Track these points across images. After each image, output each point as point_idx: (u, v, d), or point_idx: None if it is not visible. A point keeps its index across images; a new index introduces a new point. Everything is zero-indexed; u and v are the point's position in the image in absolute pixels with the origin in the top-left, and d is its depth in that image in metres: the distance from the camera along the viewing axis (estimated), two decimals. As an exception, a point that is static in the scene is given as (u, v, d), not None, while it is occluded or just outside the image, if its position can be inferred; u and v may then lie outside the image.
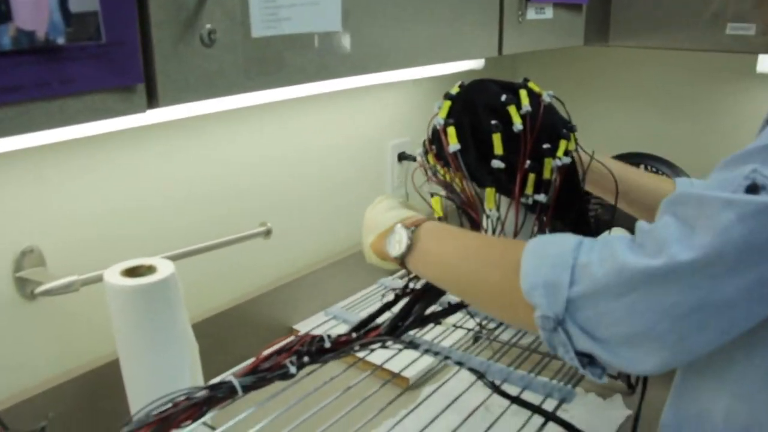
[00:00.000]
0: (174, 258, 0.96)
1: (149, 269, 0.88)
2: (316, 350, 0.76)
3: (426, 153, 0.90)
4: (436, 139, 0.87)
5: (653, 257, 0.53)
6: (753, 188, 0.52)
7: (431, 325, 0.94)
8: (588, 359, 0.60)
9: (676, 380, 0.71)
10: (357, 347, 0.79)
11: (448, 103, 0.87)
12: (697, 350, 0.55)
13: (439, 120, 0.86)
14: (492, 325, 1.10)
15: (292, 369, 0.73)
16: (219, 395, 0.68)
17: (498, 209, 0.84)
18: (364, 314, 1.14)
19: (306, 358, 0.74)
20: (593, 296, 0.55)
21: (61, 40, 0.53)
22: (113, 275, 0.86)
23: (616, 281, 0.54)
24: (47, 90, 0.54)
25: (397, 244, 0.79)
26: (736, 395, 0.62)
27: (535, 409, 0.81)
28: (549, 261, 0.59)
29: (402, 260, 0.79)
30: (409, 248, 0.77)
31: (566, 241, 0.60)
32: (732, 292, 0.51)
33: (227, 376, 0.72)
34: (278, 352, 0.74)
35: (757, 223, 0.50)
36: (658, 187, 0.97)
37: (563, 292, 0.57)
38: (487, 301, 0.71)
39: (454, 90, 0.89)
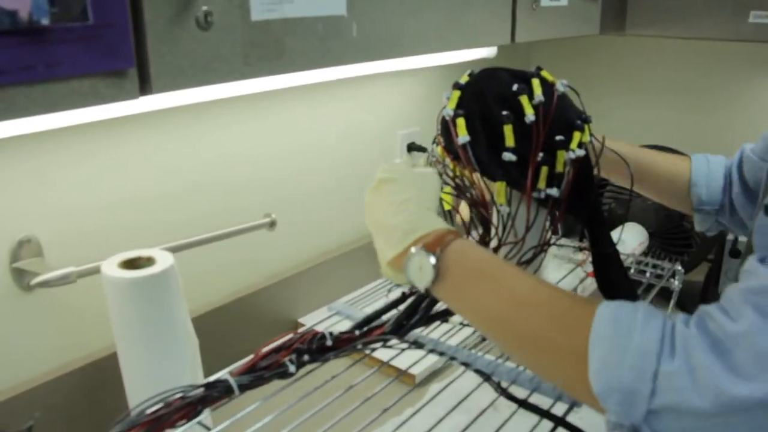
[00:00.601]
0: (174, 249, 0.93)
1: (148, 261, 0.86)
2: (317, 348, 0.73)
3: (436, 145, 0.87)
4: (445, 130, 0.84)
5: (754, 381, 0.46)
6: None
7: (437, 322, 0.91)
8: None
9: None
10: (360, 346, 0.76)
11: (458, 93, 0.84)
12: None
13: (448, 111, 0.82)
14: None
15: (292, 368, 0.70)
16: (215, 394, 0.65)
17: (509, 204, 0.81)
18: (368, 310, 1.11)
19: (306, 357, 0.72)
20: (679, 412, 0.49)
21: (45, 21, 0.50)
22: (111, 267, 0.84)
23: (710, 403, 0.47)
24: (32, 74, 0.51)
25: (418, 272, 0.66)
26: None
27: (544, 414, 0.78)
28: (626, 359, 0.51)
29: (428, 291, 0.67)
30: (435, 279, 0.65)
31: (644, 332, 0.52)
32: None
33: (224, 374, 0.69)
34: (277, 350, 0.71)
35: None
36: (672, 170, 0.95)
37: (643, 404, 0.50)
38: (541, 367, 0.61)
39: (464, 79, 0.86)
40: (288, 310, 1.22)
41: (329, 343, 0.75)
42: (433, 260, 0.64)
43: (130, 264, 0.85)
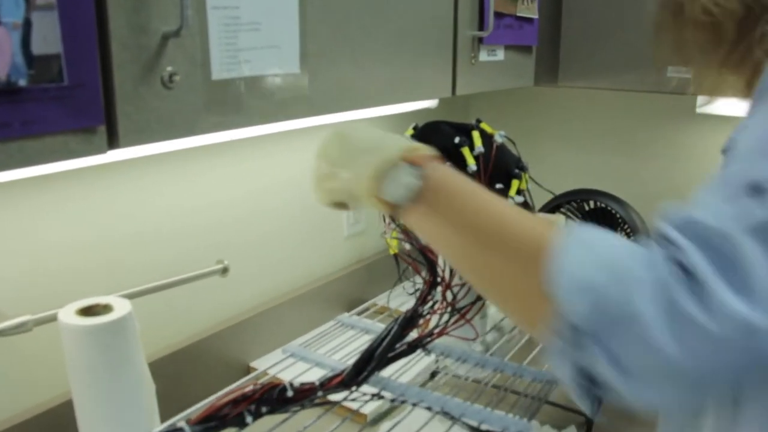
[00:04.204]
0: (131, 296, 0.95)
1: (105, 308, 0.87)
2: (277, 399, 0.76)
3: None
4: None
5: (705, 303, 0.46)
6: (756, 188, 0.48)
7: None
8: (587, 384, 0.51)
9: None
10: (320, 393, 0.79)
11: None
12: (722, 390, 0.51)
13: None
14: (449, 361, 1.11)
15: (248, 418, 0.72)
16: (169, 444, 0.67)
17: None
18: (322, 351, 1.14)
19: (264, 409, 0.74)
20: (642, 328, 0.47)
21: (22, 82, 0.53)
22: (68, 315, 0.85)
23: (667, 316, 0.46)
24: (7, 131, 0.54)
25: (393, 186, 0.62)
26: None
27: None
28: (597, 260, 0.49)
29: (398, 208, 0.63)
30: (414, 196, 0.62)
31: (616, 245, 0.51)
32: None
33: (179, 421, 0.71)
34: (236, 401, 0.73)
35: None
36: None
37: (609, 309, 0.48)
38: (498, 286, 0.58)
39: (408, 133, 0.91)
40: (242, 353, 1.24)
41: (290, 394, 0.77)
42: (417, 175, 0.62)
43: (88, 311, 0.86)
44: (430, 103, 1.43)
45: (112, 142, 0.62)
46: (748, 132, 0.54)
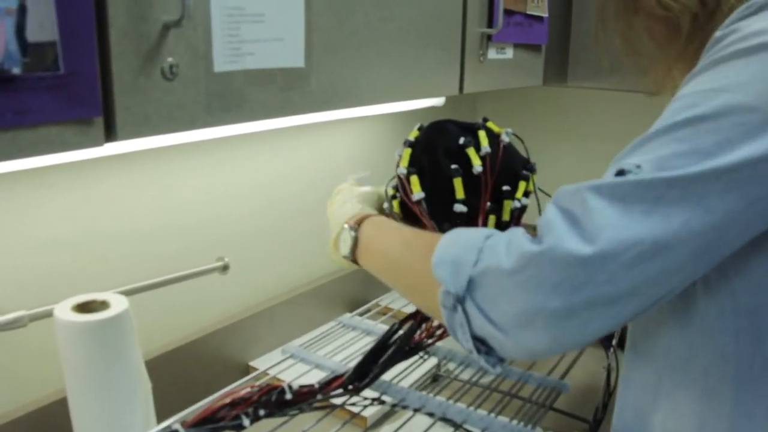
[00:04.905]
0: (128, 293, 0.93)
1: (102, 305, 0.86)
2: (276, 402, 0.74)
3: (392, 199, 0.90)
4: (401, 186, 0.87)
5: (542, 242, 0.54)
6: (620, 173, 0.58)
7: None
8: (485, 348, 0.60)
9: (618, 395, 0.74)
10: (319, 397, 0.77)
11: (409, 150, 0.88)
12: (589, 330, 0.55)
13: (402, 170, 0.86)
14: (452, 365, 1.09)
15: (246, 421, 0.71)
16: (164, 446, 0.66)
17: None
18: (321, 353, 1.13)
19: (262, 412, 0.72)
20: (492, 275, 0.57)
21: (16, 70, 0.52)
22: (64, 311, 0.84)
23: (513, 261, 0.55)
24: (0, 121, 0.52)
25: (344, 244, 0.82)
26: (668, 410, 0.66)
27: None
28: (460, 242, 0.61)
29: (353, 259, 0.82)
30: (355, 246, 0.81)
31: (480, 230, 0.62)
32: (614, 289, 0.52)
33: (175, 422, 0.69)
34: (233, 404, 0.71)
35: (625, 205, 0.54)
36: None
37: (467, 270, 0.58)
38: (409, 287, 0.72)
39: (413, 135, 0.90)
40: (240, 353, 1.22)
41: (288, 396, 0.76)
42: (353, 232, 0.81)
43: (84, 308, 0.85)
44: (437, 101, 1.41)
45: (110, 135, 0.60)
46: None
